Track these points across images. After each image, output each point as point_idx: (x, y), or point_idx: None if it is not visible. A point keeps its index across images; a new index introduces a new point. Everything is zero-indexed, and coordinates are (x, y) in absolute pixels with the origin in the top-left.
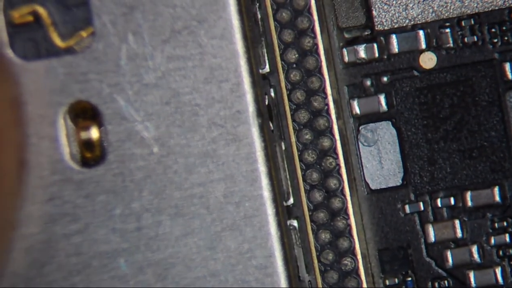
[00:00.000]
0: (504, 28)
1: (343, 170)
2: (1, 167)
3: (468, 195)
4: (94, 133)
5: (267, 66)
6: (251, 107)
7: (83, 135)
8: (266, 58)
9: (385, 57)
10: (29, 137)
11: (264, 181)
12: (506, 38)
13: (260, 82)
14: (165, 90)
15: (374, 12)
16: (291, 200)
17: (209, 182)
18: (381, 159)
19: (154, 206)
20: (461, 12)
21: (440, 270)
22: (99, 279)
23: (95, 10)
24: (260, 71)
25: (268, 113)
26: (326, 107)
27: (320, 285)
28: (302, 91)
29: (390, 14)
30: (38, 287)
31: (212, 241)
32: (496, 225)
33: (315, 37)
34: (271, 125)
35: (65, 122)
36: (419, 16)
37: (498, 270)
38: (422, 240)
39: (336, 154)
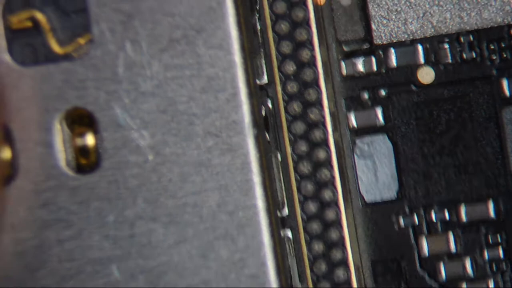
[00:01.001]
0: (502, 45)
1: (338, 182)
2: None
3: (463, 209)
4: (89, 139)
5: (265, 77)
6: (247, 118)
7: (79, 141)
8: (264, 69)
9: (383, 70)
10: (24, 142)
11: (258, 191)
12: (504, 55)
13: (257, 93)
14: (162, 98)
15: (373, 26)
16: (286, 211)
17: (203, 191)
18: (377, 172)
19: (147, 214)
20: (460, 28)
21: (433, 283)
22: (91, 285)
23: (93, 17)
24: (258, 82)
25: (264, 124)
26: (323, 119)
27: None
28: (299, 103)
29: (389, 28)
30: None
31: (205, 249)
32: (490, 239)
33: (313, 49)
34: (267, 136)
35: (61, 128)
36: (418, 31)
37: (491, 284)
38: (416, 252)
39: (331, 166)
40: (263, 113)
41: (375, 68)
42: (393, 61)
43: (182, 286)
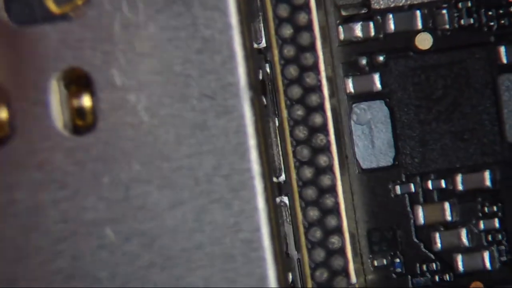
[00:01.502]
0: (500, 11)
1: (334, 148)
2: None
3: (459, 178)
4: (86, 100)
5: (263, 41)
6: (242, 80)
7: (75, 102)
8: (263, 33)
9: (381, 36)
10: (20, 102)
11: (254, 155)
12: (502, 21)
13: (254, 56)
14: (157, 60)
15: None
16: (283, 177)
17: (198, 154)
18: (373, 138)
19: (142, 176)
20: None
21: (428, 253)
22: (85, 246)
23: None
24: (256, 46)
25: (262, 88)
26: (319, 83)
27: (306, 262)
28: (296, 67)
29: None
30: (25, 253)
31: (199, 213)
32: (486, 209)
33: (310, 13)
34: (264, 100)
35: (58, 89)
36: None
37: (486, 255)
38: (412, 222)
39: (327, 131)
40: (261, 77)
41: (373, 33)
42: (391, 26)
43: (176, 249)
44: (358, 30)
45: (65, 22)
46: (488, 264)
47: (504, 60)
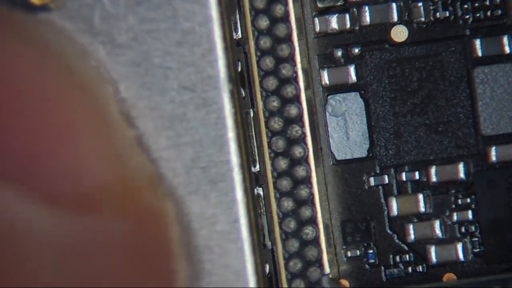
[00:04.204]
0: (476, 4)
1: (309, 139)
2: None
3: (433, 170)
4: None
5: (239, 32)
6: (222, 73)
7: None
8: (239, 24)
9: (357, 28)
10: None
11: (232, 147)
12: (478, 14)
13: (233, 48)
14: (137, 51)
15: None
16: (258, 167)
17: (177, 146)
18: (348, 130)
19: None
20: None
21: (401, 244)
22: None
23: None
24: (234, 36)
25: (240, 80)
26: (295, 75)
27: (281, 252)
28: (272, 58)
29: None
30: None
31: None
32: (459, 201)
33: (286, 4)
34: (243, 92)
35: None
36: None
37: (459, 246)
38: (385, 213)
39: (303, 122)
40: (239, 69)
41: (348, 25)
42: (367, 18)
43: None
44: (334, 22)
45: (45, 13)
46: (461, 256)
47: (479, 53)
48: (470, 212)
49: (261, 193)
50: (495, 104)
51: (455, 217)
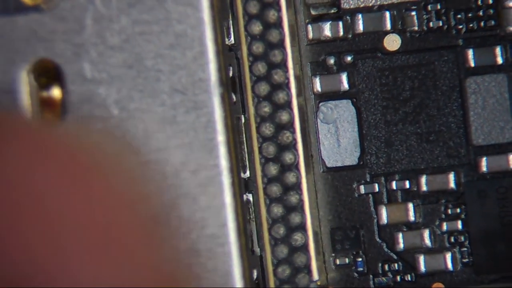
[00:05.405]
0: (470, 15)
1: (300, 146)
2: None
3: (423, 179)
4: (55, 92)
5: (232, 38)
6: (213, 76)
7: (45, 94)
8: (231, 29)
9: (350, 36)
10: None
11: (222, 151)
12: (471, 25)
13: (225, 53)
14: (129, 53)
15: None
16: (248, 173)
17: (166, 149)
18: (339, 137)
19: None
20: None
21: (390, 253)
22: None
23: None
24: (227, 42)
25: (232, 85)
26: (287, 81)
27: (269, 258)
28: (264, 64)
29: None
30: None
31: (166, 208)
32: (449, 211)
33: (280, 10)
34: (234, 97)
35: (28, 81)
36: None
37: (448, 256)
38: (375, 221)
39: (294, 129)
40: (230, 73)
41: (341, 33)
42: (360, 27)
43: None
44: (327, 29)
45: (37, 14)
46: (450, 265)
47: (472, 63)
48: (459, 222)
49: (251, 199)
50: (487, 114)
51: (444, 227)
